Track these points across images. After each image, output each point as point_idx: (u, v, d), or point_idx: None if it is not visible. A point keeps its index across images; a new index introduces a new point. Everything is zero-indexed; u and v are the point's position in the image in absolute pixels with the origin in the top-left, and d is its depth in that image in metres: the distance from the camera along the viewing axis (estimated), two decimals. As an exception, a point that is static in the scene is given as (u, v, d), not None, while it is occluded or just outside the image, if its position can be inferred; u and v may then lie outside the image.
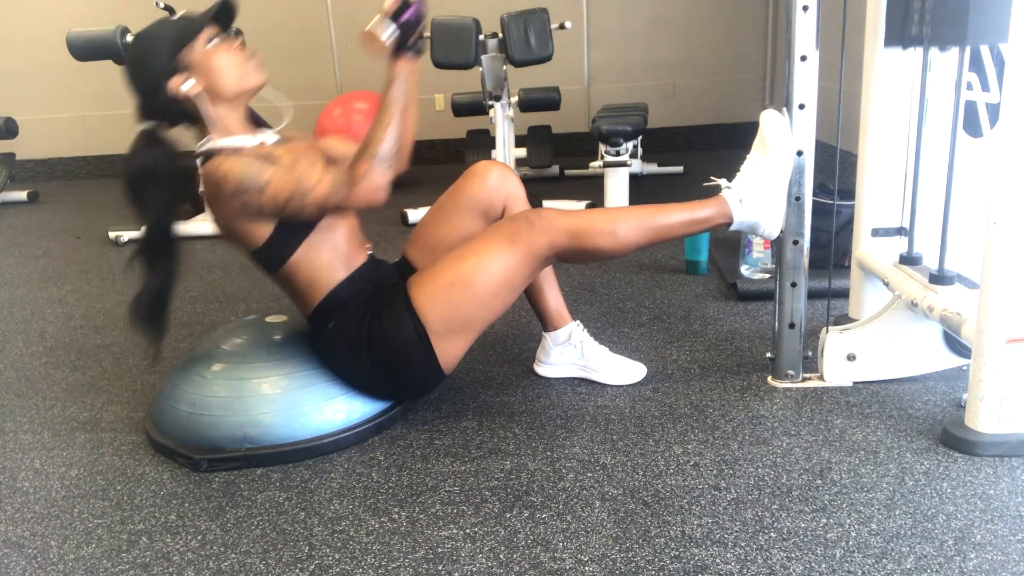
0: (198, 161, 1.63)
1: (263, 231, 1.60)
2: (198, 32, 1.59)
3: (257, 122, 1.74)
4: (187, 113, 1.62)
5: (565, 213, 1.66)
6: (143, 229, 1.63)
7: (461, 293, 1.62)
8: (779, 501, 1.40)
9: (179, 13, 1.63)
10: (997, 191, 1.42)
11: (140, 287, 1.65)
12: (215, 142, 1.61)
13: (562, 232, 1.63)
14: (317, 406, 1.67)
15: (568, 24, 3.83)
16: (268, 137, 1.70)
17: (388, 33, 1.51)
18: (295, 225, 1.62)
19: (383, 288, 1.74)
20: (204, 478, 1.60)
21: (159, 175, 1.61)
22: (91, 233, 4.05)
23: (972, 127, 2.38)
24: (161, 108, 1.61)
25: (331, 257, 1.67)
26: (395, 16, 1.51)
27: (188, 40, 1.58)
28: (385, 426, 1.75)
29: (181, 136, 1.67)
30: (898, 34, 1.80)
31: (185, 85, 1.58)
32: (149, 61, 1.59)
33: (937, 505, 1.36)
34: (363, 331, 1.66)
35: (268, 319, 1.87)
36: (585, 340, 1.92)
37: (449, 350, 1.66)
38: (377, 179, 1.52)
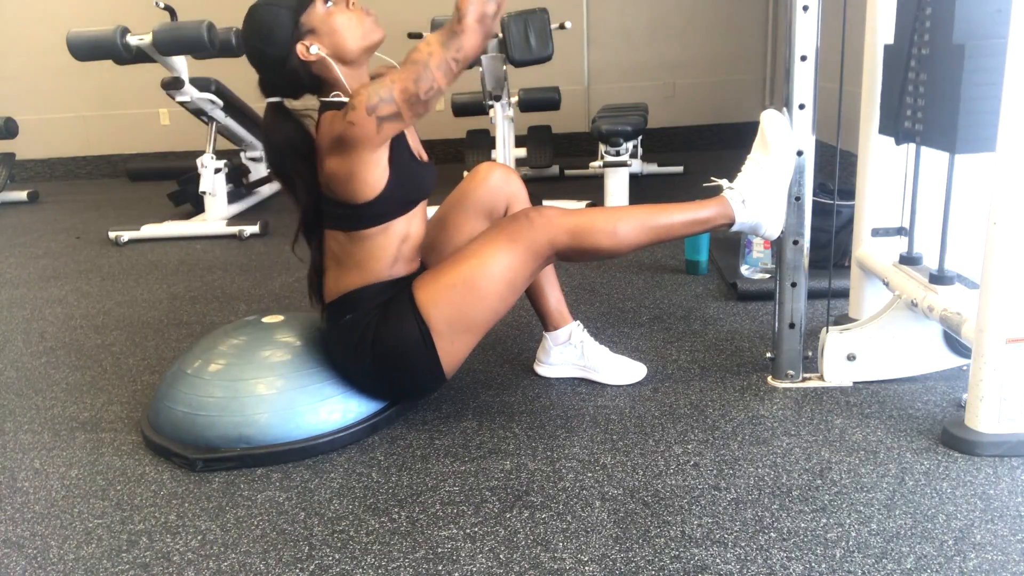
0: (317, 112, 1.62)
1: (375, 187, 1.57)
2: None
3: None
4: (315, 79, 1.61)
5: (566, 211, 1.66)
6: (302, 205, 1.65)
7: (464, 294, 1.62)
8: (779, 501, 1.40)
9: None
10: (997, 191, 1.42)
11: (310, 260, 1.73)
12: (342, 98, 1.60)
13: (563, 230, 1.63)
14: (313, 406, 1.67)
15: (568, 24, 3.83)
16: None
17: None
18: (399, 199, 1.62)
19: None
20: (204, 478, 1.60)
21: (300, 148, 1.62)
22: (91, 233, 4.05)
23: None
24: (290, 77, 1.59)
25: (391, 252, 1.66)
26: None
27: (307, 4, 1.57)
28: (381, 426, 1.75)
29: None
30: (891, 127, 1.81)
31: (312, 50, 1.56)
32: (273, 30, 1.56)
33: (937, 505, 1.36)
34: (368, 330, 1.66)
35: (265, 319, 1.86)
36: (585, 340, 1.92)
37: (452, 352, 1.66)
38: (448, 67, 1.50)
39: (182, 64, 3.78)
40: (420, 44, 1.52)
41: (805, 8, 1.63)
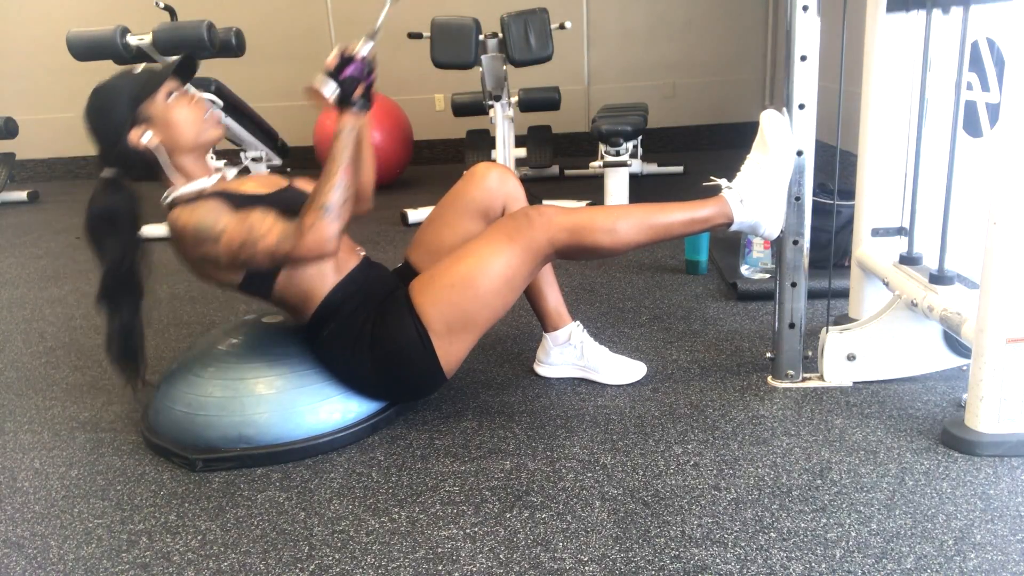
0: (165, 210, 1.67)
1: (237, 274, 1.64)
2: (158, 87, 1.62)
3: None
4: (147, 164, 1.65)
5: (565, 210, 1.66)
6: (103, 271, 1.67)
7: (462, 293, 1.62)
8: (779, 501, 1.40)
9: (140, 67, 1.68)
10: (997, 191, 1.42)
11: (107, 328, 1.70)
12: (178, 190, 1.65)
13: (562, 228, 1.63)
14: (312, 406, 1.67)
15: (568, 24, 3.83)
16: (228, 172, 1.72)
17: (329, 90, 1.57)
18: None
19: (380, 289, 1.74)
20: (204, 478, 1.60)
21: (119, 219, 1.65)
22: (91, 233, 4.04)
23: (972, 127, 2.38)
24: (121, 158, 1.63)
25: (319, 266, 1.68)
26: (336, 72, 1.56)
27: (148, 94, 1.61)
28: (381, 426, 1.75)
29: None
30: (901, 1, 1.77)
31: (144, 137, 1.61)
32: (109, 113, 1.62)
33: (937, 505, 1.36)
34: (364, 333, 1.66)
35: (265, 319, 1.87)
36: (585, 340, 1.92)
37: (451, 351, 1.66)
38: (324, 230, 1.54)
39: (182, 64, 3.77)
40: (267, 220, 1.56)
41: (805, 8, 1.63)
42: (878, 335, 1.80)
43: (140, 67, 1.66)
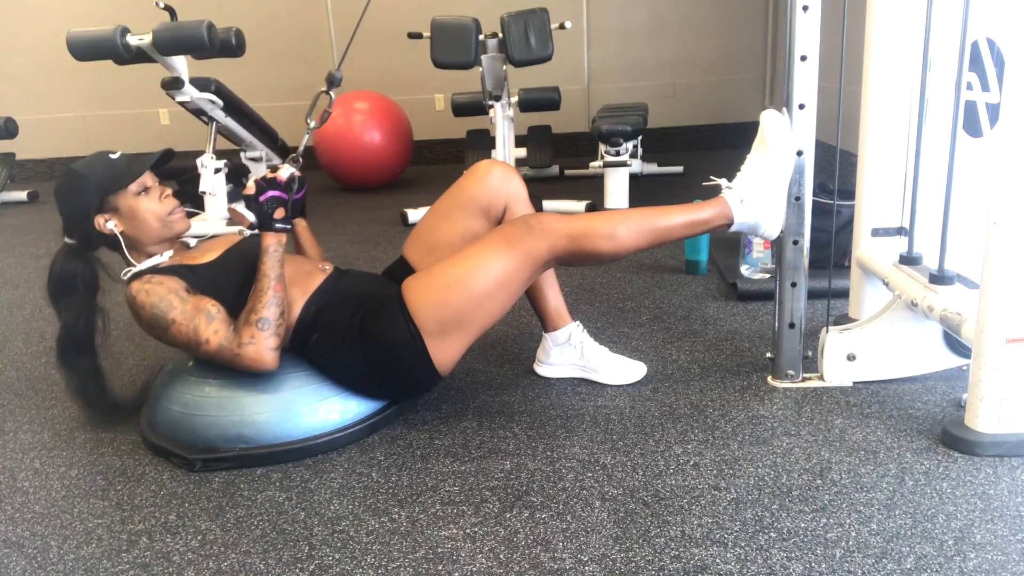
0: (124, 284, 1.72)
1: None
2: (131, 180, 1.67)
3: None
4: (109, 243, 1.72)
5: (564, 218, 1.66)
6: (59, 332, 1.74)
7: (456, 294, 1.62)
8: (779, 501, 1.40)
9: (118, 153, 1.73)
10: (997, 191, 1.42)
11: (66, 381, 1.82)
12: (136, 267, 1.71)
13: (562, 236, 1.63)
14: (311, 406, 1.67)
15: (568, 24, 3.83)
16: (191, 241, 1.80)
17: (249, 215, 1.62)
18: (231, 302, 1.67)
19: (356, 289, 1.76)
20: (204, 478, 1.60)
21: (76, 285, 1.71)
22: (91, 233, 4.04)
23: (972, 127, 2.38)
24: (84, 237, 1.70)
25: (291, 291, 1.70)
26: (255, 197, 1.62)
27: (119, 187, 1.67)
28: (380, 426, 1.75)
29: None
30: None
31: (108, 224, 1.67)
32: (78, 196, 1.68)
33: (937, 505, 1.36)
34: (352, 331, 1.66)
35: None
36: (585, 341, 1.92)
37: (444, 351, 1.66)
38: (260, 343, 1.58)
39: (182, 64, 3.77)
40: (213, 323, 1.60)
41: (805, 8, 1.63)
42: (878, 335, 1.80)
43: (118, 153, 1.72)
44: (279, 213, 1.63)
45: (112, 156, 1.71)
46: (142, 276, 1.66)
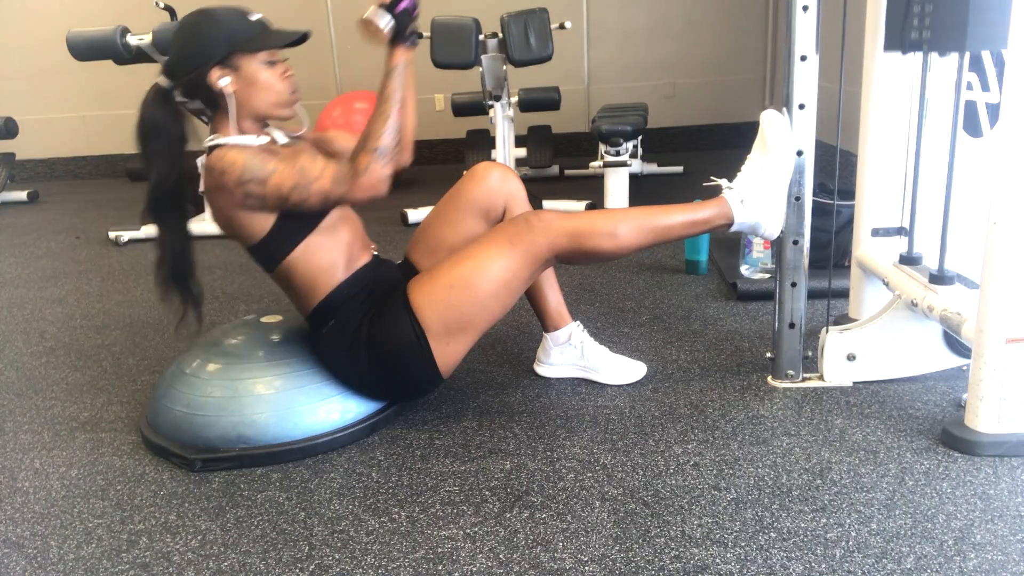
0: (202, 158, 1.63)
1: (263, 225, 1.60)
2: (264, 47, 1.59)
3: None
4: (210, 102, 1.62)
5: (565, 215, 1.66)
6: (150, 185, 1.63)
7: (460, 295, 1.62)
8: (779, 501, 1.40)
9: (258, 16, 1.62)
10: (997, 191, 1.42)
11: (158, 250, 1.68)
12: (225, 138, 1.62)
13: (562, 234, 1.63)
14: (311, 406, 1.67)
15: (568, 24, 3.83)
16: (279, 137, 1.71)
17: (385, 22, 1.56)
18: (295, 224, 1.62)
19: (384, 288, 1.74)
20: (204, 478, 1.60)
21: (166, 132, 1.61)
22: (91, 233, 4.05)
23: (972, 127, 2.38)
24: (189, 83, 1.60)
25: (332, 259, 1.67)
26: (391, 6, 1.55)
27: (249, 49, 1.58)
28: (380, 426, 1.75)
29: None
30: (897, 39, 1.80)
31: (222, 81, 1.58)
32: (203, 41, 1.57)
33: (937, 505, 1.36)
34: (362, 332, 1.66)
35: (264, 319, 1.87)
36: (585, 340, 1.92)
37: (448, 352, 1.66)
38: (378, 172, 1.53)
39: (182, 64, 3.77)
40: (318, 162, 1.54)
41: (805, 8, 1.63)
42: (878, 335, 1.79)
43: (256, 16, 1.62)
44: (411, 26, 1.57)
45: (251, 17, 1.61)
46: (226, 146, 1.59)
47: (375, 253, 1.81)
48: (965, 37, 1.56)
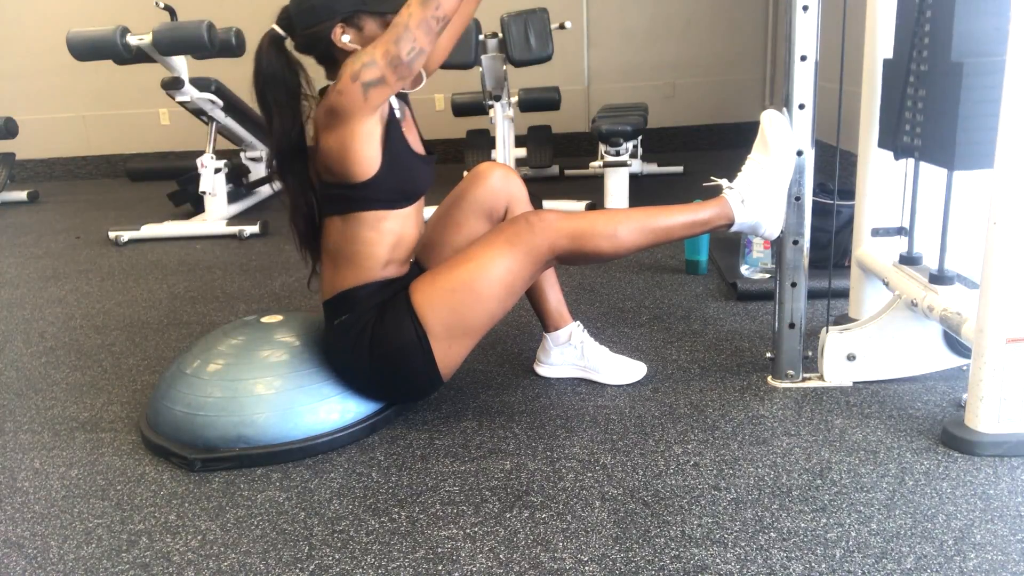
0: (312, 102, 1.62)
1: (371, 166, 1.58)
2: (389, 10, 1.57)
3: None
4: (327, 56, 1.62)
5: (566, 215, 1.66)
6: (274, 137, 1.64)
7: (462, 297, 1.62)
8: (779, 501, 1.40)
9: None
10: (997, 191, 1.42)
11: (290, 202, 1.69)
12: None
13: (563, 234, 1.63)
14: (312, 406, 1.67)
15: (568, 24, 3.83)
16: (397, 111, 1.71)
17: None
18: (394, 183, 1.61)
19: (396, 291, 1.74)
20: (204, 478, 1.60)
21: (286, 82, 1.62)
22: (91, 233, 4.05)
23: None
24: (310, 35, 1.59)
25: (387, 253, 1.66)
26: None
27: (378, 10, 1.57)
28: (380, 426, 1.75)
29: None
30: (890, 141, 1.81)
31: (345, 37, 1.57)
32: None
33: (937, 505, 1.36)
34: (366, 333, 1.66)
35: (264, 319, 1.86)
36: (585, 341, 1.92)
37: (449, 354, 1.66)
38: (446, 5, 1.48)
39: (182, 64, 3.78)
40: (402, 7, 1.51)
41: (805, 8, 1.63)
42: (878, 335, 1.80)
43: None
44: None
45: None
46: None
47: (413, 262, 1.79)
48: (953, 158, 1.58)
